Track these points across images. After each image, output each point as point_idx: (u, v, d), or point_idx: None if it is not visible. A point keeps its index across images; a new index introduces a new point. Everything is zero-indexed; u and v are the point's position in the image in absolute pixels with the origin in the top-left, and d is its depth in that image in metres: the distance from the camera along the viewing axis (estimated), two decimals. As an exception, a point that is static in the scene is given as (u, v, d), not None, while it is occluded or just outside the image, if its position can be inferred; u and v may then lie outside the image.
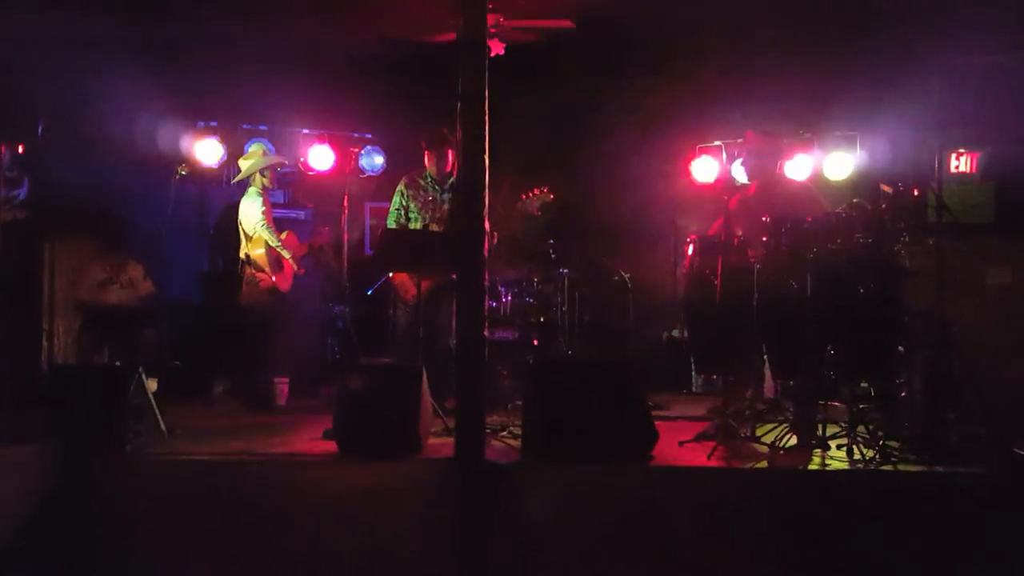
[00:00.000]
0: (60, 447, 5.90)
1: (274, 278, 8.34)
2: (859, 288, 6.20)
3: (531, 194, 7.97)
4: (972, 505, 5.26)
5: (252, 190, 8.49)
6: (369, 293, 8.56)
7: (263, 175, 8.51)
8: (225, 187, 10.03)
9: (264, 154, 8.79)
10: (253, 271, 8.36)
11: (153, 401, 6.53)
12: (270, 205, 8.59)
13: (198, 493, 5.67)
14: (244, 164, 8.65)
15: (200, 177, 9.87)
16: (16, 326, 8.56)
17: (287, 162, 9.00)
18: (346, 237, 8.45)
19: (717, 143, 10.09)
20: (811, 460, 5.88)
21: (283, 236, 8.47)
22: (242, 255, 8.42)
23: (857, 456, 5.79)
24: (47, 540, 5.56)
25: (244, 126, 9.74)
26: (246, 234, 8.40)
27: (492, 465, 5.63)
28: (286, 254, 8.39)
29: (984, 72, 8.58)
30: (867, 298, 6.18)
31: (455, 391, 5.81)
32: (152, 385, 7.12)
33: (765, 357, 6.88)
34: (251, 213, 8.37)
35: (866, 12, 7.66)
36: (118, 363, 8.55)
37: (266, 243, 8.31)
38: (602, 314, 9.54)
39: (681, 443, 6.32)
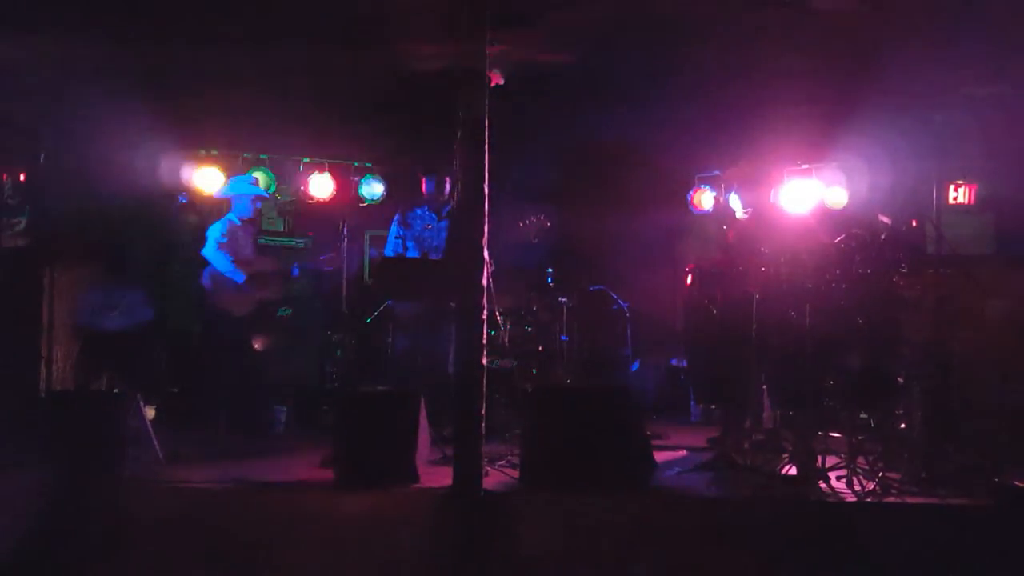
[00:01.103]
0: (57, 472, 5.89)
1: (221, 303, 8.29)
2: (858, 319, 6.20)
3: (528, 222, 7.99)
4: (971, 537, 5.24)
5: (230, 216, 8.48)
6: (368, 321, 8.56)
7: (239, 201, 8.49)
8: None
9: (256, 183, 8.76)
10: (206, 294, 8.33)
11: (150, 427, 6.51)
12: (250, 233, 8.56)
13: (194, 520, 5.65)
14: (229, 187, 8.65)
15: (200, 205, 9.89)
16: (15, 352, 8.55)
17: (266, 195, 8.92)
18: (345, 265, 8.44)
19: (716, 173, 10.12)
20: (810, 491, 5.85)
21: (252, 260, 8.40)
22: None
23: (857, 487, 5.77)
24: (43, 564, 5.54)
25: (244, 154, 9.76)
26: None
27: (490, 494, 5.62)
28: (238, 276, 8.26)
29: (982, 104, 8.60)
30: (866, 329, 6.18)
31: (453, 420, 5.80)
32: (150, 412, 7.12)
33: (764, 387, 6.87)
34: (207, 235, 8.34)
35: (865, 45, 7.69)
36: (116, 389, 8.55)
37: (211, 268, 8.28)
38: (601, 343, 9.53)
39: (680, 473, 6.31)
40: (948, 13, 7.07)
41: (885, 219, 6.89)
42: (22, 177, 8.87)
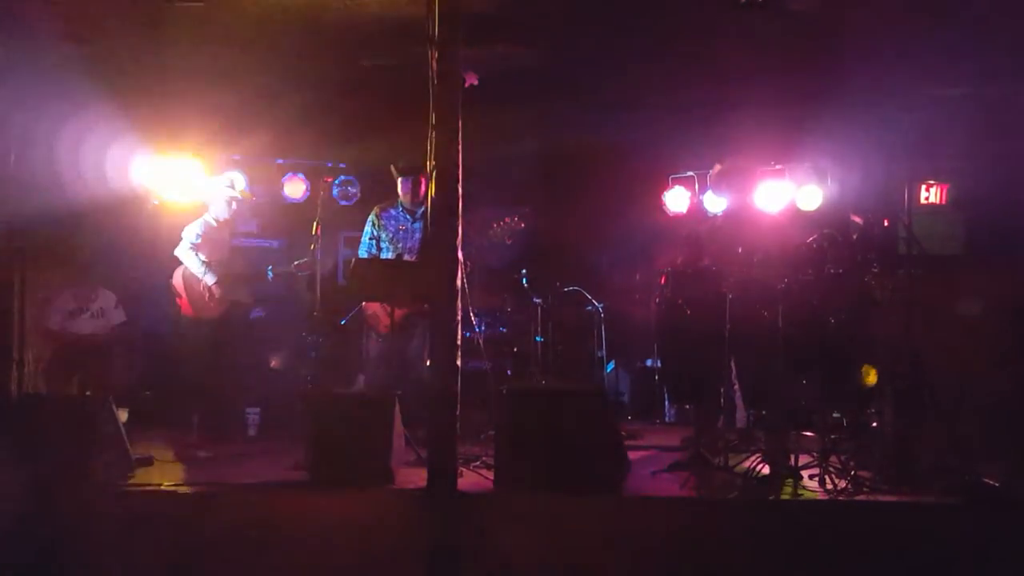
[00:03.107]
0: (29, 476, 5.84)
1: (191, 304, 8.16)
2: (830, 318, 6.24)
3: (502, 223, 8.00)
4: (942, 535, 5.28)
5: (206, 217, 8.43)
6: (342, 323, 8.53)
7: (215, 203, 8.42)
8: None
9: (232, 186, 8.68)
10: (173, 296, 8.26)
11: (123, 431, 6.47)
12: (225, 235, 8.50)
13: (167, 523, 5.62)
14: (205, 189, 8.58)
15: (173, 206, 9.84)
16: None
17: (241, 198, 8.78)
18: (319, 269, 8.41)
19: (689, 173, 10.17)
20: (783, 490, 5.88)
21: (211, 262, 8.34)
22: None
23: (829, 486, 5.80)
24: (11, 568, 5.50)
25: (217, 156, 9.71)
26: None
27: (464, 495, 5.62)
28: (210, 278, 8.16)
29: (953, 104, 8.67)
30: (838, 328, 6.21)
31: (427, 421, 5.79)
32: (122, 415, 7.06)
33: (737, 387, 6.89)
34: (183, 235, 8.27)
35: (836, 45, 7.74)
36: (88, 393, 8.50)
37: (184, 268, 8.19)
38: (575, 344, 9.54)
39: (654, 473, 6.32)
40: (919, 14, 7.13)
41: (857, 219, 6.94)
42: (-8, 179, 8.80)
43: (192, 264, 8.12)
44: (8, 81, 8.03)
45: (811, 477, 5.99)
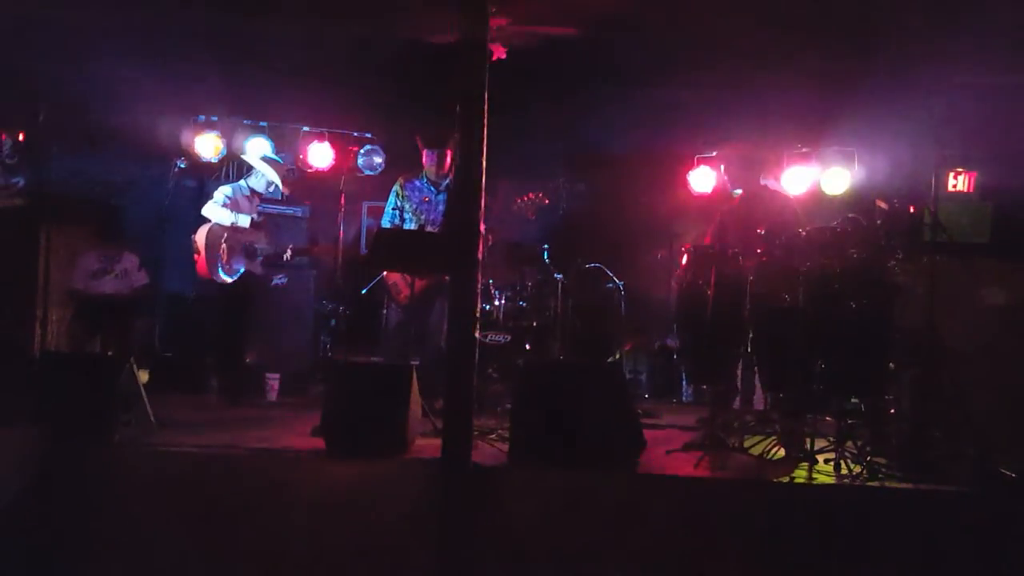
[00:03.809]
0: (48, 433, 5.90)
1: (206, 264, 8.17)
2: (851, 303, 6.20)
3: (526, 198, 7.99)
4: (956, 523, 5.27)
5: (243, 182, 8.46)
6: (363, 292, 8.56)
7: (259, 174, 8.45)
8: (223, 181, 10.02)
9: (281, 172, 8.65)
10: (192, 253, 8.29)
11: (143, 391, 6.52)
12: (254, 204, 8.52)
13: (185, 484, 5.68)
14: (264, 155, 8.61)
15: (198, 170, 9.89)
16: (10, 312, 8.56)
17: (280, 186, 8.72)
18: (341, 236, 8.44)
19: (715, 154, 10.13)
20: (798, 474, 5.87)
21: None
22: None
23: (844, 471, 5.79)
24: (30, 525, 5.56)
25: (245, 121, 9.74)
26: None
27: (478, 467, 5.63)
28: (243, 219, 8.21)
29: (984, 92, 8.59)
30: (859, 313, 6.17)
31: (444, 392, 5.81)
32: (143, 376, 7.12)
33: (755, 369, 6.87)
34: (214, 194, 8.32)
35: (868, 29, 7.67)
36: (110, 353, 8.57)
37: (209, 227, 8.23)
38: (595, 320, 9.53)
39: (668, 452, 6.31)
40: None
41: (882, 204, 6.88)
42: (21, 137, 8.86)
43: (221, 216, 8.13)
44: (39, 41, 8.07)
45: (826, 462, 5.97)
